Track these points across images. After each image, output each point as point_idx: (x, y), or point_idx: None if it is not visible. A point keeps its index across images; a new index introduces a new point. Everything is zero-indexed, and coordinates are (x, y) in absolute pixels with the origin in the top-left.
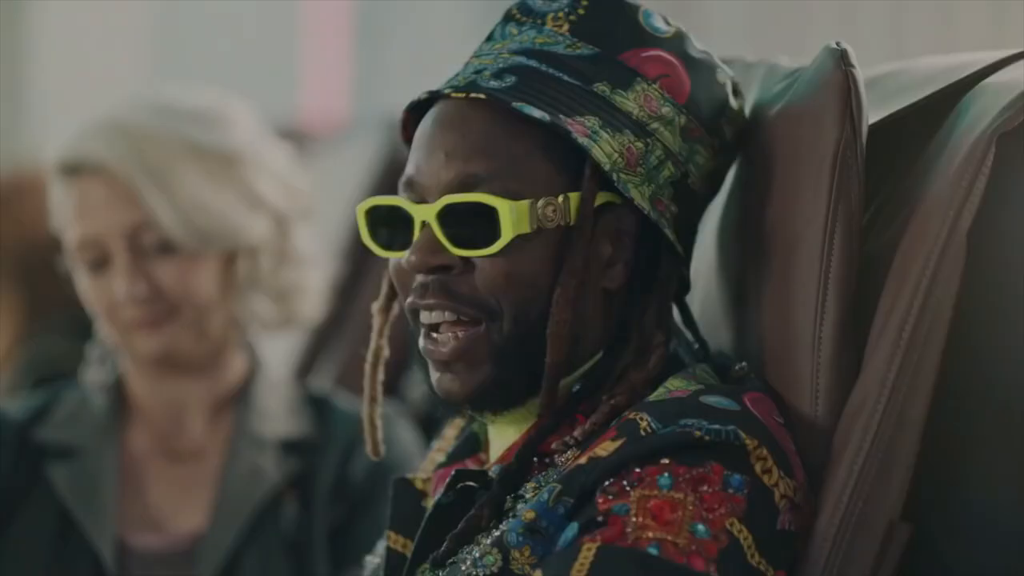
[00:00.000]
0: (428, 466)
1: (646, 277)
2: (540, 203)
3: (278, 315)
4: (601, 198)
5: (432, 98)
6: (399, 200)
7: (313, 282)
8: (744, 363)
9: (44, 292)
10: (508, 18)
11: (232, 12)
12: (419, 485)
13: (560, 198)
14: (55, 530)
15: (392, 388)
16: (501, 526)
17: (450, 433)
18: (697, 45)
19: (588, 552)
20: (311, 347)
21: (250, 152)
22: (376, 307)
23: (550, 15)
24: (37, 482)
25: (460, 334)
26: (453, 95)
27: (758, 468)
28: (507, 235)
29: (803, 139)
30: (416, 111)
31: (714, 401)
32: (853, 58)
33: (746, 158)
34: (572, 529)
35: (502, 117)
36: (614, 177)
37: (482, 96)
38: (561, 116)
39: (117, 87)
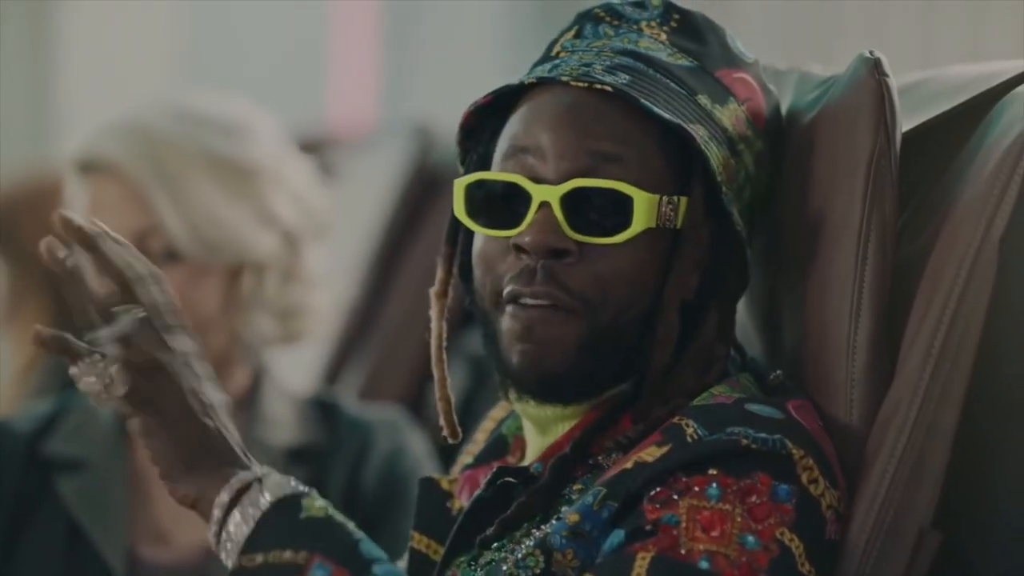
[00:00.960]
0: (455, 470)
1: (711, 291)
2: (663, 200)
3: (281, 332)
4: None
5: (528, 87)
6: (518, 177)
7: (320, 302)
8: (780, 371)
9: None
10: (596, 19)
11: (260, 17)
12: (445, 486)
13: (676, 199)
14: (65, 543)
15: (417, 400)
16: (544, 526)
17: (480, 437)
18: (764, 73)
19: (643, 561)
20: (336, 357)
21: (268, 167)
22: (434, 292)
23: (643, 22)
24: (46, 495)
25: (556, 317)
26: (572, 84)
27: (804, 478)
28: (638, 226)
29: (837, 147)
30: (498, 101)
31: (758, 409)
32: (887, 67)
33: (780, 166)
34: (618, 536)
35: (628, 111)
36: (723, 188)
37: (608, 88)
38: (681, 120)
39: (144, 91)
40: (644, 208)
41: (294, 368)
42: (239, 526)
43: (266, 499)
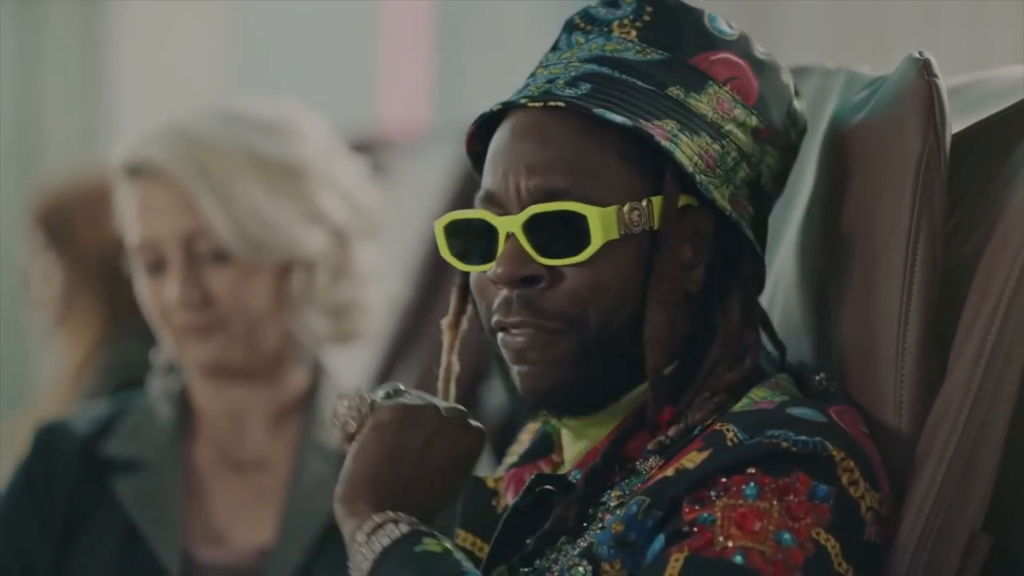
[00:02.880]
0: (501, 469)
1: (725, 278)
2: (626, 208)
3: (334, 331)
4: (681, 201)
5: (504, 110)
6: (482, 212)
7: (373, 299)
8: (823, 374)
9: (124, 297)
10: (572, 27)
11: (311, 19)
12: (491, 484)
13: (644, 203)
14: (121, 543)
15: (470, 397)
16: (587, 535)
17: (525, 437)
18: (760, 47)
19: (676, 563)
20: (386, 360)
21: (316, 165)
22: (445, 323)
23: (615, 22)
24: (103, 496)
25: (540, 339)
26: (529, 105)
27: (844, 479)
28: (597, 242)
29: (886, 149)
30: (485, 124)
31: (800, 413)
32: (936, 68)
33: (828, 166)
34: (659, 541)
35: (581, 125)
36: (697, 179)
37: (561, 104)
38: (641, 120)
39: (194, 93)
40: (600, 223)
41: (347, 369)
42: (366, 555)
43: (397, 532)
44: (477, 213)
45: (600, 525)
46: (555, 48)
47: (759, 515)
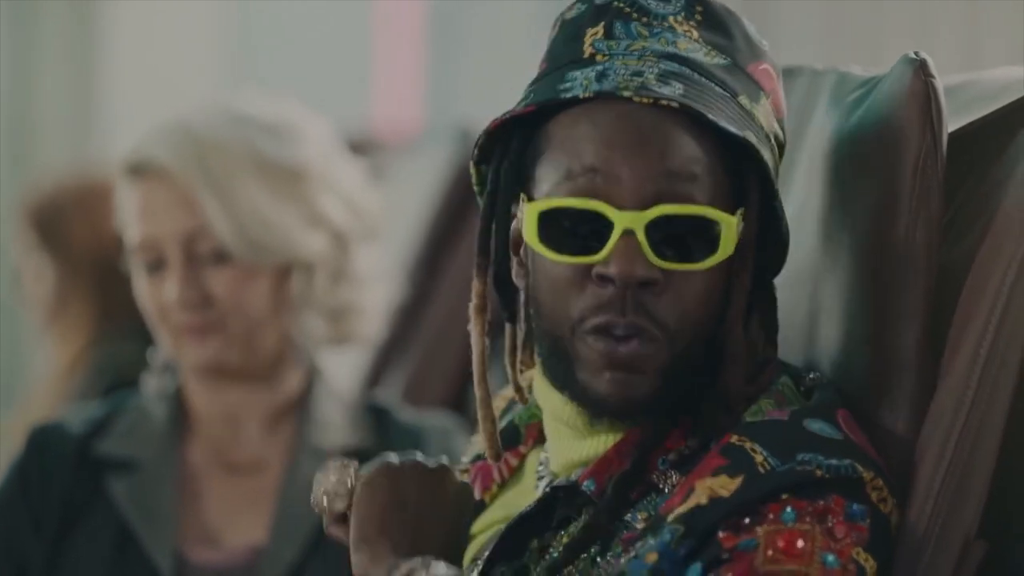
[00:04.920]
0: (466, 458)
1: (756, 292)
2: (739, 217)
3: (332, 333)
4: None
5: (565, 101)
6: (600, 204)
7: (371, 303)
8: (816, 373)
9: (116, 296)
10: (620, 14)
11: (304, 19)
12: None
13: (739, 214)
14: (114, 544)
15: (459, 398)
16: (620, 562)
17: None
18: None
19: None
20: (378, 360)
21: (317, 168)
22: (473, 307)
23: (671, 17)
24: (97, 496)
25: (641, 348)
26: (635, 99)
27: (875, 497)
28: (725, 251)
29: (882, 149)
30: (536, 113)
31: (819, 429)
32: (933, 68)
33: (823, 167)
34: (695, 570)
35: (691, 127)
36: (778, 195)
37: (675, 104)
38: (746, 132)
39: (187, 92)
40: (730, 232)
41: (338, 370)
42: None
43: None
44: (593, 204)
45: (633, 554)
46: (609, 35)
47: (803, 537)
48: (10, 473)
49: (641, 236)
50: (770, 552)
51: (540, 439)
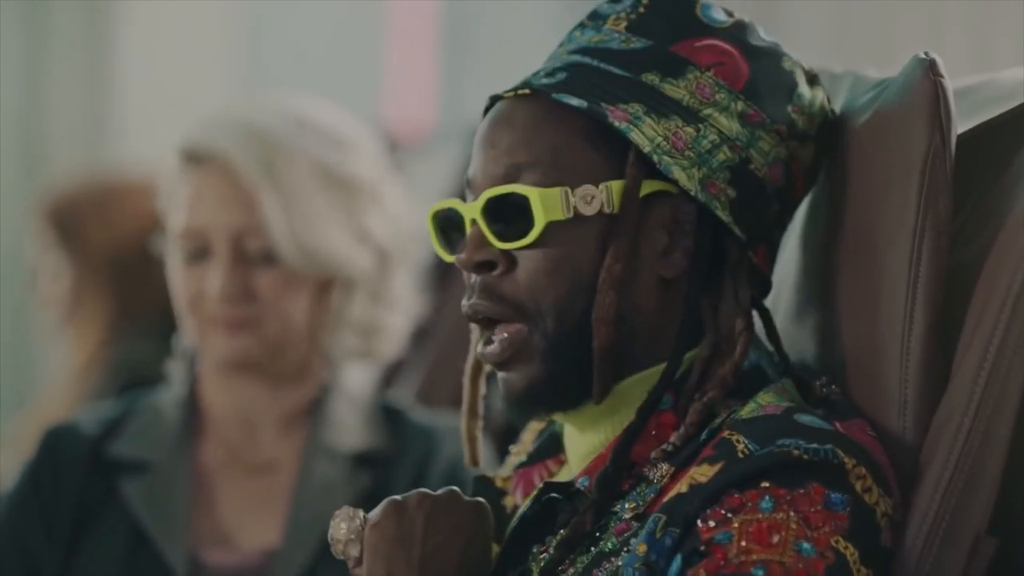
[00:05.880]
0: (507, 468)
1: (713, 265)
2: (579, 190)
3: (359, 349)
4: (654, 186)
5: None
6: (452, 202)
7: (398, 324)
8: (824, 377)
9: (132, 296)
10: (579, 25)
11: (317, 19)
12: (499, 483)
13: (601, 186)
14: (128, 545)
15: None
16: (616, 560)
17: (527, 437)
18: (762, 35)
19: None
20: (392, 364)
21: (370, 184)
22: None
23: (612, 16)
24: (110, 498)
25: (505, 334)
26: (504, 95)
27: (858, 487)
28: (539, 223)
29: (891, 149)
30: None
31: (808, 421)
32: (942, 68)
33: (832, 167)
34: (677, 562)
35: (546, 110)
36: (655, 159)
37: (527, 91)
38: (602, 104)
39: (199, 94)
40: (541, 203)
41: (352, 371)
42: None
43: None
44: (449, 202)
45: (627, 548)
46: (561, 45)
47: (777, 527)
48: (23, 475)
49: (481, 223)
50: (743, 543)
51: None
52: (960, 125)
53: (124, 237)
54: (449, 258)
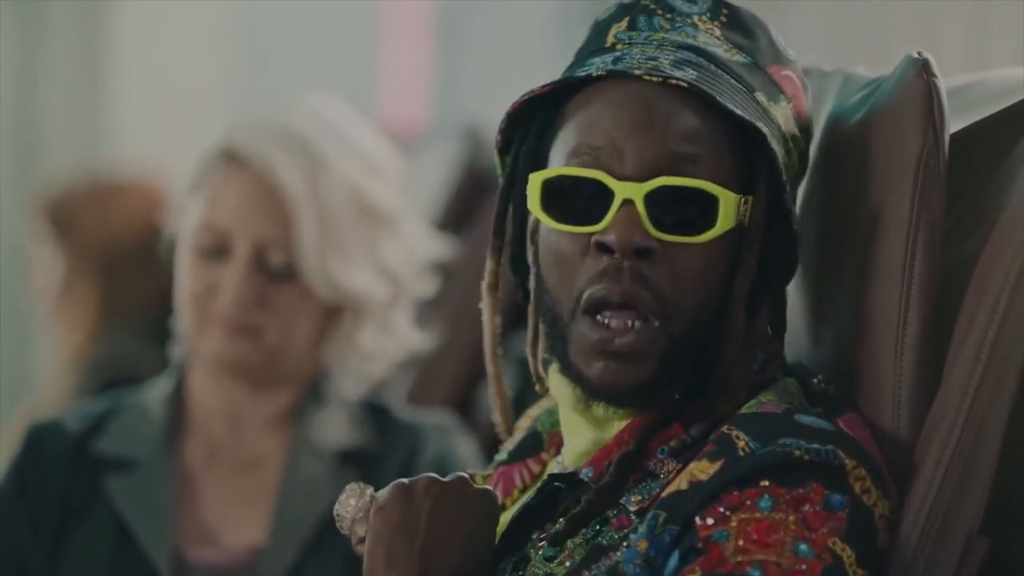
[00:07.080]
0: (489, 467)
1: (765, 284)
2: (742, 199)
3: (355, 370)
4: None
5: (578, 80)
6: (600, 174)
7: (394, 353)
8: (821, 376)
9: (121, 292)
10: (647, 11)
11: (312, 17)
12: (479, 482)
13: (747, 198)
14: (112, 543)
15: (468, 400)
16: (616, 555)
17: (519, 435)
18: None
19: None
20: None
21: (392, 216)
22: (486, 285)
23: (696, 16)
24: (95, 495)
25: (637, 325)
26: (645, 78)
27: (857, 488)
28: (723, 225)
29: (885, 148)
30: (556, 92)
31: (809, 421)
32: (935, 67)
33: (826, 167)
34: (674, 559)
35: (699, 108)
36: (787, 187)
37: (683, 84)
38: (755, 120)
39: (195, 93)
40: (729, 208)
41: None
42: None
43: None
44: (594, 173)
45: (627, 543)
46: (632, 27)
47: (775, 527)
48: (7, 472)
49: (640, 206)
50: (740, 542)
51: (562, 446)
52: (953, 124)
53: (117, 234)
54: (555, 226)
